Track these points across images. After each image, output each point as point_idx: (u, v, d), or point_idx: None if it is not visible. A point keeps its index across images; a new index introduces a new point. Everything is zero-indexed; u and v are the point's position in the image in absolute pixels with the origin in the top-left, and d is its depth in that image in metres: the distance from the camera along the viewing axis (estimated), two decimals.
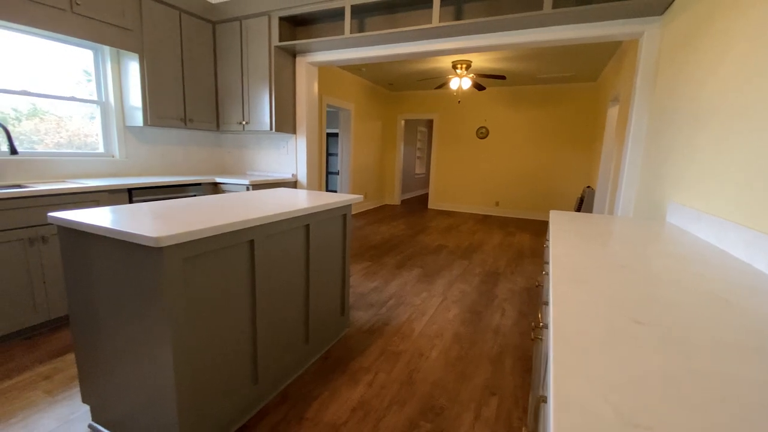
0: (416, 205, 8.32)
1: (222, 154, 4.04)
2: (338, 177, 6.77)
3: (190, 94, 3.30)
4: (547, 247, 1.59)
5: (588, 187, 5.33)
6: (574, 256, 1.06)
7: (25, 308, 2.14)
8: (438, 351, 2.15)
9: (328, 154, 8.68)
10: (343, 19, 3.15)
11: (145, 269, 1.14)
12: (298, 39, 3.41)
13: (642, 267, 0.98)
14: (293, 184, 3.64)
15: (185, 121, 3.28)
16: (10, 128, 2.49)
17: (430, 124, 10.77)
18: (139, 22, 2.86)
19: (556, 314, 0.67)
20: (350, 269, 2.67)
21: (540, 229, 5.99)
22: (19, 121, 2.56)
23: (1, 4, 2.14)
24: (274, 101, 3.29)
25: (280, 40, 3.21)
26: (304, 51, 3.41)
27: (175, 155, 3.56)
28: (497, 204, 7.31)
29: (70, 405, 1.63)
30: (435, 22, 2.62)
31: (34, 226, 2.15)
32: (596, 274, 0.91)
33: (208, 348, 1.32)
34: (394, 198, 8.25)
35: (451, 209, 7.75)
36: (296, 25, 3.42)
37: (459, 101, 6.83)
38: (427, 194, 10.57)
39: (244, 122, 3.45)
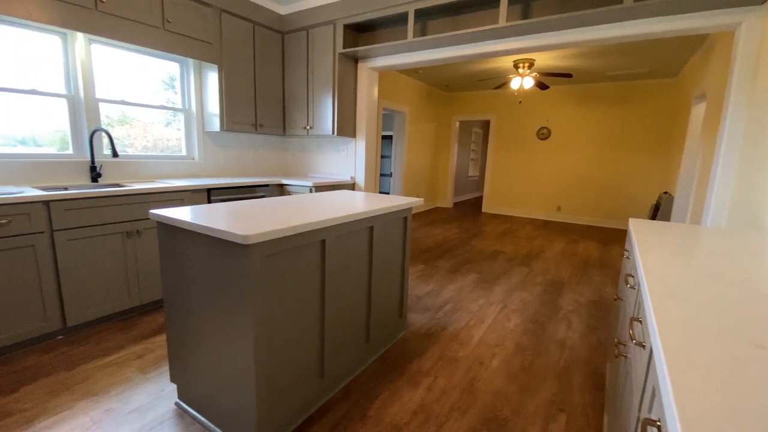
0: (469, 208, 8.14)
1: (286, 157, 4.27)
2: (390, 179, 6.83)
3: (261, 100, 3.53)
4: (629, 258, 1.48)
5: (665, 192, 4.86)
6: (670, 269, 0.97)
7: (121, 293, 2.42)
8: (499, 360, 2.09)
9: (381, 157, 8.80)
10: (405, 23, 3.19)
11: (233, 263, 1.24)
12: (361, 45, 3.49)
13: (754, 284, 0.87)
14: (351, 186, 3.73)
15: (256, 126, 3.51)
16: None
17: (485, 125, 10.49)
18: (219, 35, 3.11)
19: (663, 334, 0.62)
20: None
21: (608, 238, 5.57)
22: (112, 126, 2.90)
23: (107, 24, 2.45)
24: (337, 106, 3.41)
25: (344, 47, 3.32)
26: (366, 57, 3.49)
27: (246, 158, 3.82)
28: (559, 209, 6.93)
29: (159, 383, 1.81)
30: (502, 21, 2.56)
31: (131, 220, 2.42)
32: (700, 291, 0.83)
33: (282, 339, 1.40)
34: (446, 200, 8.14)
35: (507, 213, 7.48)
36: (359, 32, 3.51)
37: (520, 101, 6.58)
38: (480, 197, 10.30)
39: (308, 127, 3.61)
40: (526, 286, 3.32)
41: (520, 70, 5.25)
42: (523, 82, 5.29)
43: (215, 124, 3.28)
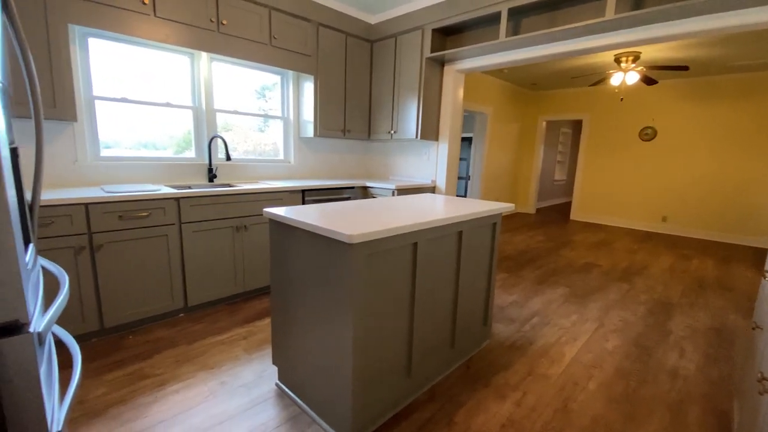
0: (554, 214, 7.59)
1: (369, 160, 4.43)
2: (468, 182, 6.67)
3: (350, 107, 3.72)
4: None
5: None
6: None
7: (229, 280, 2.73)
8: (597, 383, 1.92)
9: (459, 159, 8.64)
10: (495, 23, 3.10)
11: (336, 260, 1.33)
12: (448, 48, 3.48)
13: None
14: (432, 189, 3.74)
15: (344, 132, 3.71)
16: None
17: (576, 125, 9.68)
18: (316, 48, 3.35)
19: None
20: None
21: (728, 255, 4.76)
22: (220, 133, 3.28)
23: (227, 44, 2.79)
24: (422, 110, 3.44)
25: (432, 51, 3.34)
26: (453, 59, 3.47)
27: (333, 161, 4.06)
28: (664, 219, 6.11)
29: (262, 363, 2.01)
30: (609, 14, 2.35)
31: (240, 216, 2.73)
32: None
33: (376, 335, 1.46)
34: (529, 206, 7.70)
35: (600, 222, 6.81)
36: (446, 35, 3.51)
37: (621, 99, 5.95)
38: (568, 203, 9.53)
39: (392, 131, 3.71)
40: (626, 304, 2.99)
41: (623, 65, 4.75)
42: (625, 78, 4.79)
43: (309, 131, 3.53)
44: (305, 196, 3.13)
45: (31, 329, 0.70)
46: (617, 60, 4.73)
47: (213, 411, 1.64)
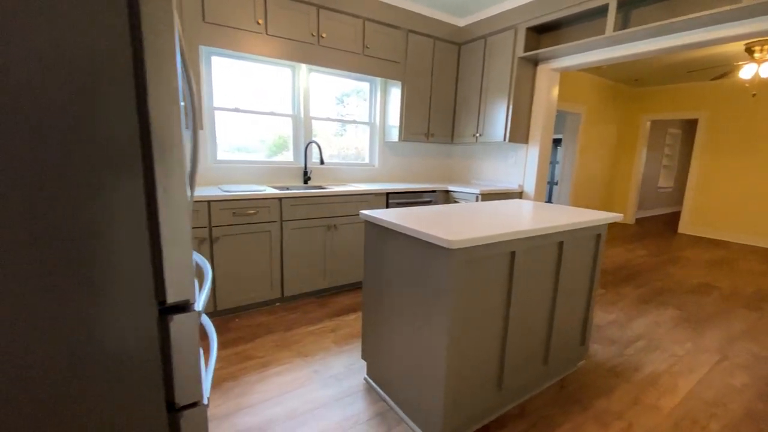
0: (658, 226, 6.71)
1: (450, 164, 4.39)
2: (556, 188, 6.23)
3: (434, 111, 3.73)
4: None
5: None
6: None
7: (319, 276, 2.92)
8: (721, 425, 1.66)
9: None
10: (600, 16, 2.85)
11: (434, 265, 1.35)
12: (543, 47, 3.30)
13: None
14: (519, 194, 3.57)
15: (428, 136, 3.73)
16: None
17: (688, 125, 8.45)
18: (404, 54, 3.43)
19: None
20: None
21: None
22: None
23: (325, 55, 2.99)
24: (511, 112, 3.31)
25: (525, 50, 3.20)
26: (548, 58, 3.28)
27: (414, 164, 4.10)
28: None
29: (351, 357, 2.11)
30: None
31: (331, 216, 2.91)
32: None
33: (469, 342, 1.44)
34: (627, 215, 6.92)
35: (716, 237, 5.86)
36: (540, 33, 3.33)
37: (754, 94, 5.06)
38: (675, 214, 8.37)
39: (477, 134, 3.63)
40: (756, 336, 2.53)
41: (756, 55, 4.04)
42: (759, 70, 4.06)
43: (394, 135, 3.62)
44: (389, 198, 3.22)
45: (196, 308, 0.83)
46: (749, 50, 4.03)
47: (308, 397, 1.78)
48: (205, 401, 0.87)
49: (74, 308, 0.68)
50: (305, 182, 3.33)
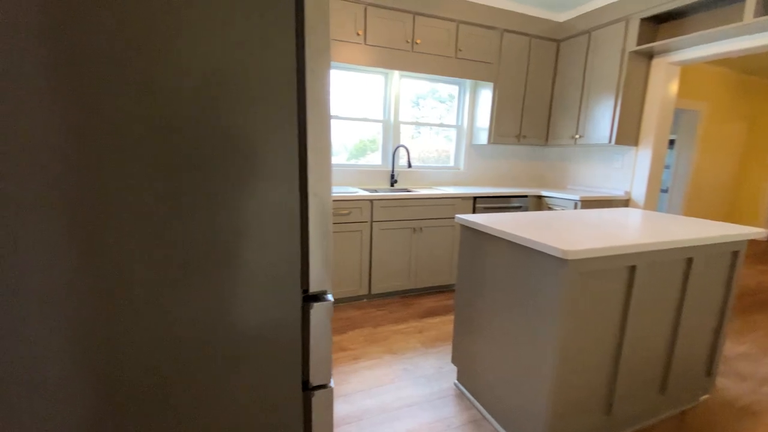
0: None
1: (542, 167, 4.14)
2: (665, 195, 5.49)
3: (527, 112, 3.56)
4: None
5: None
6: None
7: (403, 276, 2.98)
8: None
9: None
10: (733, 2, 2.46)
11: (544, 275, 1.30)
12: (660, 38, 2.96)
13: None
14: (625, 202, 3.23)
15: (519, 138, 3.58)
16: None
17: None
18: (498, 54, 3.33)
19: None
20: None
21: None
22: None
23: (418, 61, 3.04)
24: (619, 111, 3.02)
25: (638, 43, 2.89)
26: (666, 50, 2.92)
27: (502, 167, 3.96)
28: None
29: (439, 359, 2.12)
30: None
31: (417, 219, 2.95)
32: None
33: (578, 360, 1.36)
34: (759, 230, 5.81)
35: None
36: (658, 24, 2.98)
37: None
38: None
39: (576, 136, 3.37)
40: None
41: None
42: None
43: (482, 138, 3.54)
44: (476, 202, 3.16)
45: (329, 297, 0.92)
46: None
47: (400, 393, 1.83)
48: (332, 384, 0.95)
49: (240, 295, 0.80)
50: (391, 185, 3.43)
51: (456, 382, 1.91)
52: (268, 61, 0.73)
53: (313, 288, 0.88)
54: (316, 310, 0.89)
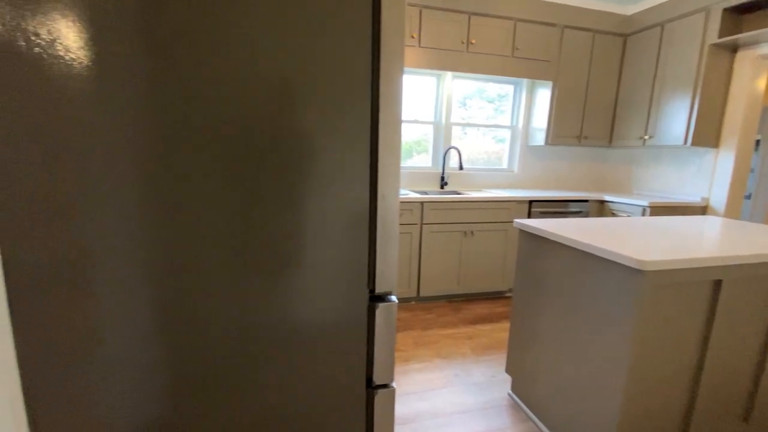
0: None
1: (604, 170, 3.89)
2: (747, 202, 4.91)
3: (589, 112, 3.37)
4: None
5: None
6: None
7: (452, 280, 2.94)
8: None
9: None
10: None
11: (615, 286, 1.22)
12: (746, 30, 2.66)
13: None
14: (702, 209, 2.94)
15: (579, 139, 3.39)
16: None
17: None
18: (558, 52, 3.19)
19: None
20: None
21: None
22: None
23: (473, 61, 2.99)
24: (697, 109, 2.76)
25: (720, 35, 2.63)
26: (754, 42, 2.62)
27: (560, 170, 3.77)
28: None
29: (491, 368, 2.07)
30: None
31: (467, 222, 2.90)
32: None
33: (650, 379, 1.26)
34: None
35: None
36: (743, 14, 2.69)
37: None
38: None
39: (646, 136, 3.13)
40: None
41: None
42: None
43: (539, 139, 3.40)
44: (531, 206, 3.04)
45: (392, 298, 0.93)
46: None
47: (452, 399, 1.80)
48: (394, 384, 0.96)
49: (312, 291, 0.83)
50: (441, 187, 3.39)
51: (510, 392, 1.84)
52: (345, 66, 0.76)
53: (379, 288, 0.89)
54: (382, 310, 0.90)
